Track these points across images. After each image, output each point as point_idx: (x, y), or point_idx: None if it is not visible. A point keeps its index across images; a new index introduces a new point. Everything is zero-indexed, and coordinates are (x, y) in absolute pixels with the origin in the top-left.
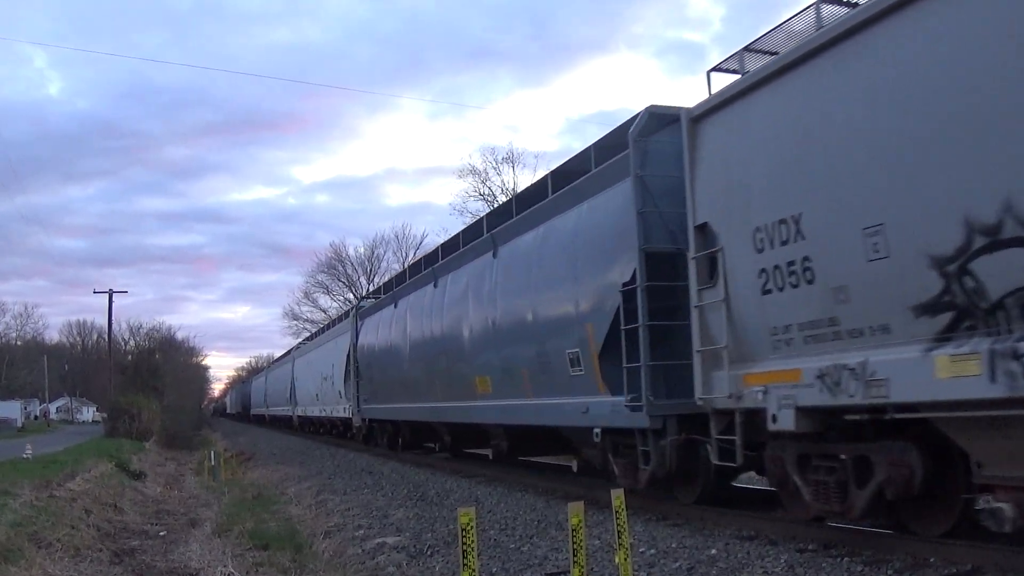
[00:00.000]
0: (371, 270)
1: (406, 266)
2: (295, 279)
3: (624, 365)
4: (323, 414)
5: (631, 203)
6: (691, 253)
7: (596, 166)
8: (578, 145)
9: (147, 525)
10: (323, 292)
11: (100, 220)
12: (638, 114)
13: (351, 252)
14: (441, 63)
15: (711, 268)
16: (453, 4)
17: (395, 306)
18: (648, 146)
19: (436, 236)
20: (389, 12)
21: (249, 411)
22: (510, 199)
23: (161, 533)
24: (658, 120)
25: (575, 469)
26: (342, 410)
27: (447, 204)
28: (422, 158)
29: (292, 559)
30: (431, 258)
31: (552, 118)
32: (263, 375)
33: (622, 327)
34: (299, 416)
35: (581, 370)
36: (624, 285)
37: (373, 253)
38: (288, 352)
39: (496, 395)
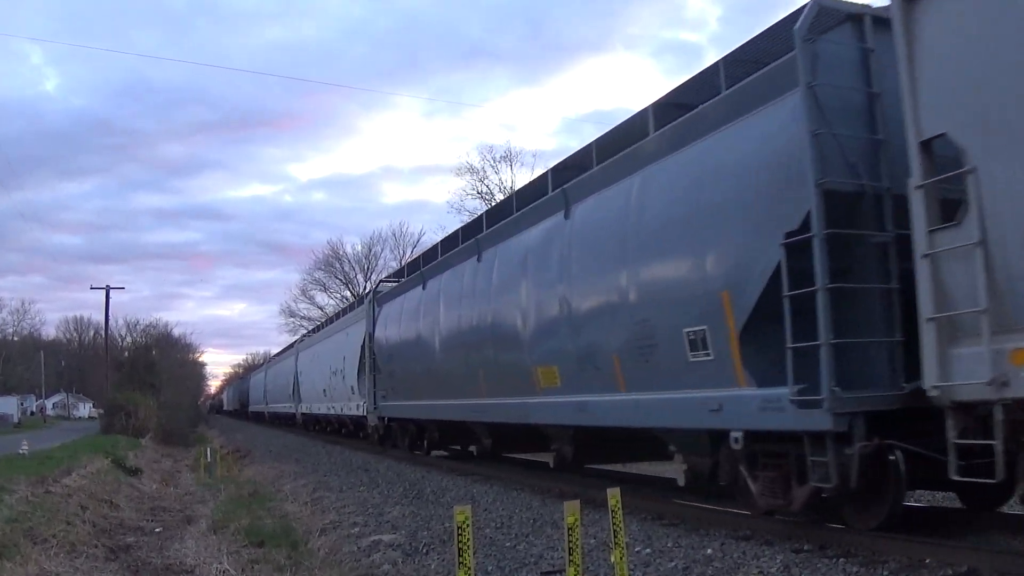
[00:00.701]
0: (368, 268)
1: (438, 241)
2: (291, 276)
3: (789, 345)
4: (331, 411)
5: (800, 124)
6: (915, 180)
7: (729, 86)
8: (575, 144)
9: (143, 521)
10: (320, 289)
11: (96, 217)
12: (800, 9)
13: (348, 250)
14: (437, 62)
15: (945, 203)
16: (449, 3)
17: (423, 287)
18: (818, 49)
19: (434, 234)
20: (385, 11)
21: (247, 408)
22: (587, 146)
23: (157, 530)
24: (829, 17)
25: (682, 483)
26: (354, 407)
27: (444, 202)
28: (419, 156)
29: (288, 556)
30: (472, 228)
31: (549, 117)
32: (263, 370)
33: (785, 293)
34: (303, 413)
35: (708, 354)
36: (788, 236)
37: (370, 251)
38: (291, 345)
39: (567, 389)
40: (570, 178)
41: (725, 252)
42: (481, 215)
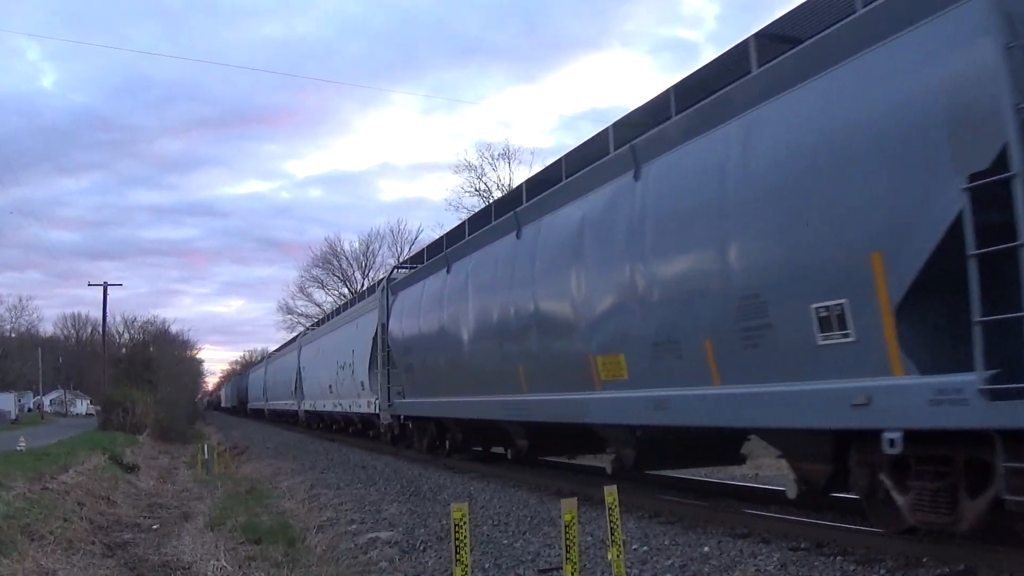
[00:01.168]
0: (366, 265)
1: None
2: (288, 273)
3: (977, 319)
4: (338, 409)
5: (988, 36)
6: None
7: (867, 3)
8: (572, 141)
9: (140, 518)
10: (318, 286)
11: (93, 213)
12: None
13: (346, 247)
14: (434, 59)
15: None
16: (445, 0)
17: (447, 271)
18: None
19: (432, 231)
20: (381, 7)
21: (246, 405)
22: (662, 94)
23: (154, 526)
24: None
25: (793, 495)
26: (364, 404)
27: (441, 200)
28: (416, 154)
29: (285, 553)
30: (509, 202)
31: (546, 115)
32: (263, 365)
33: (971, 252)
34: (306, 411)
35: (847, 335)
36: (973, 178)
37: (368, 248)
38: (294, 339)
39: (637, 383)
40: (638, 134)
41: (874, 204)
42: (520, 185)
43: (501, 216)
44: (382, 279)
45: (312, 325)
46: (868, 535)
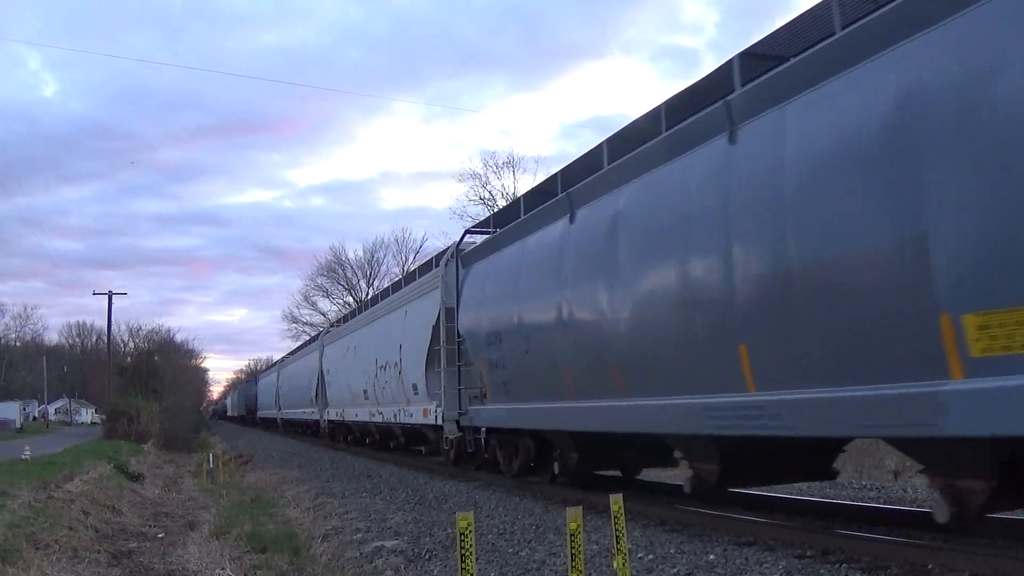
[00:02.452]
0: (371, 274)
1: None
2: (292, 282)
3: None
4: (378, 419)
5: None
6: None
7: None
8: (573, 150)
9: (145, 527)
10: (323, 295)
11: (95, 222)
12: None
13: (351, 255)
14: (434, 67)
15: None
16: (444, 8)
17: (570, 220)
18: None
19: (436, 239)
20: (381, 15)
21: (255, 414)
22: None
23: (159, 535)
24: None
25: (943, 519)
26: (420, 413)
27: (443, 208)
28: (417, 162)
29: (290, 562)
30: (665, 115)
31: (547, 123)
32: (274, 370)
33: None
34: (331, 421)
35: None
36: None
37: (373, 257)
38: (315, 338)
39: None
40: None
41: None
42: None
43: (673, 126)
44: (445, 249)
45: (337, 321)
46: (874, 543)
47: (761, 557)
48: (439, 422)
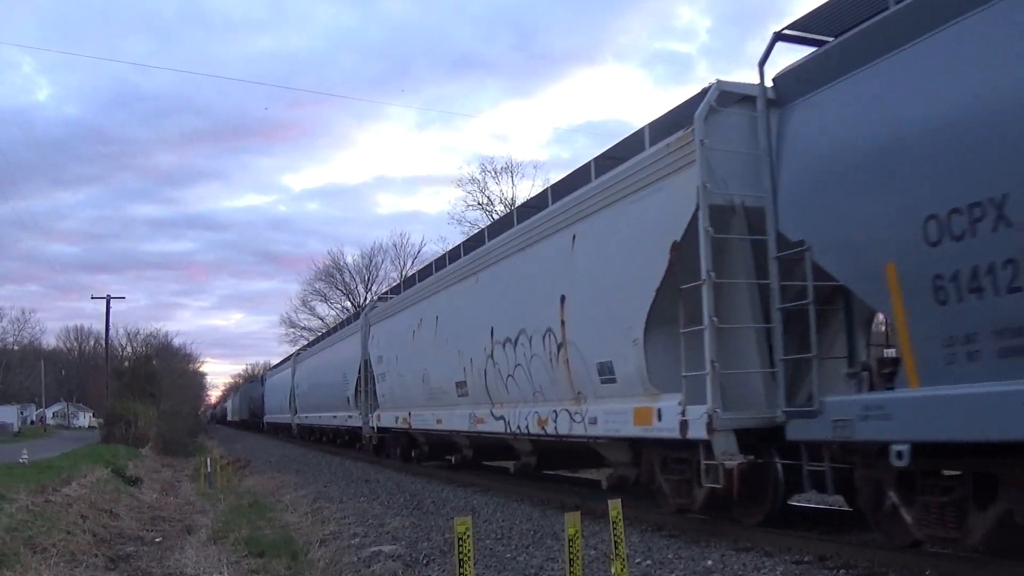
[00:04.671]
0: (369, 279)
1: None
2: (288, 287)
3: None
4: (516, 430)
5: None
6: None
7: None
8: (567, 155)
9: (143, 531)
10: (320, 300)
11: (91, 226)
12: None
13: (349, 260)
14: (427, 73)
15: None
16: (438, 14)
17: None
18: None
19: (435, 245)
20: (375, 21)
21: (261, 419)
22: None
23: (157, 539)
24: None
25: None
26: (673, 416)
27: (437, 213)
28: (411, 167)
29: (287, 567)
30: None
31: (540, 128)
32: (287, 366)
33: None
34: (381, 428)
35: None
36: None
37: (371, 262)
38: (348, 320)
39: None
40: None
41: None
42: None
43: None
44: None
45: (386, 293)
46: (871, 549)
47: (759, 563)
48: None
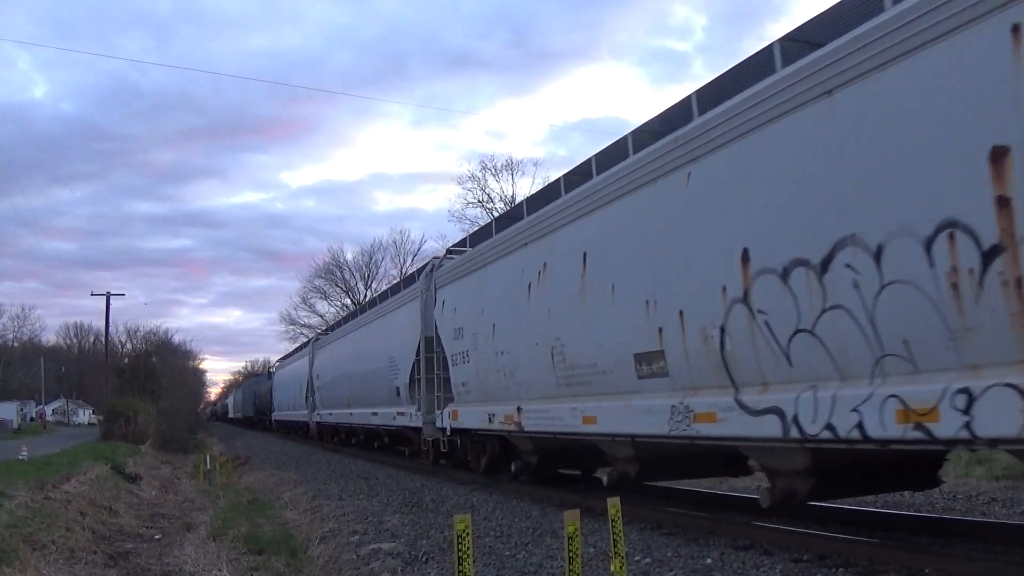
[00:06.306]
0: (369, 276)
1: None
2: (286, 284)
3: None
4: (815, 431)
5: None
6: None
7: None
8: (564, 153)
9: (142, 528)
10: (320, 297)
11: (89, 223)
12: None
13: (349, 257)
14: (423, 70)
15: None
16: (433, 11)
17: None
18: None
19: (435, 242)
20: (369, 18)
21: (268, 415)
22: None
23: (156, 536)
24: None
25: None
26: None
27: (435, 210)
28: (408, 164)
29: (287, 564)
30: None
31: (536, 126)
32: (303, 354)
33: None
34: (456, 429)
35: None
36: None
37: (371, 259)
38: (385, 294)
39: None
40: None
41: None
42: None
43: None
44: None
45: (457, 245)
46: (871, 547)
47: (758, 561)
48: None
